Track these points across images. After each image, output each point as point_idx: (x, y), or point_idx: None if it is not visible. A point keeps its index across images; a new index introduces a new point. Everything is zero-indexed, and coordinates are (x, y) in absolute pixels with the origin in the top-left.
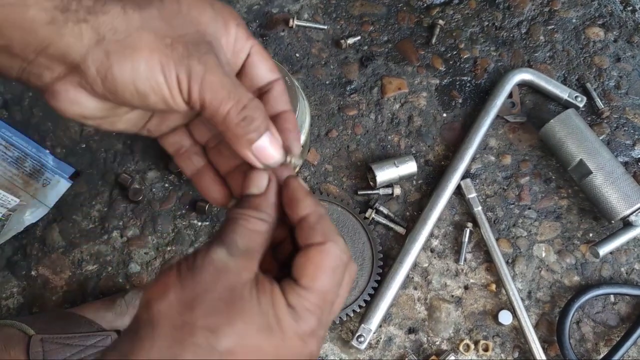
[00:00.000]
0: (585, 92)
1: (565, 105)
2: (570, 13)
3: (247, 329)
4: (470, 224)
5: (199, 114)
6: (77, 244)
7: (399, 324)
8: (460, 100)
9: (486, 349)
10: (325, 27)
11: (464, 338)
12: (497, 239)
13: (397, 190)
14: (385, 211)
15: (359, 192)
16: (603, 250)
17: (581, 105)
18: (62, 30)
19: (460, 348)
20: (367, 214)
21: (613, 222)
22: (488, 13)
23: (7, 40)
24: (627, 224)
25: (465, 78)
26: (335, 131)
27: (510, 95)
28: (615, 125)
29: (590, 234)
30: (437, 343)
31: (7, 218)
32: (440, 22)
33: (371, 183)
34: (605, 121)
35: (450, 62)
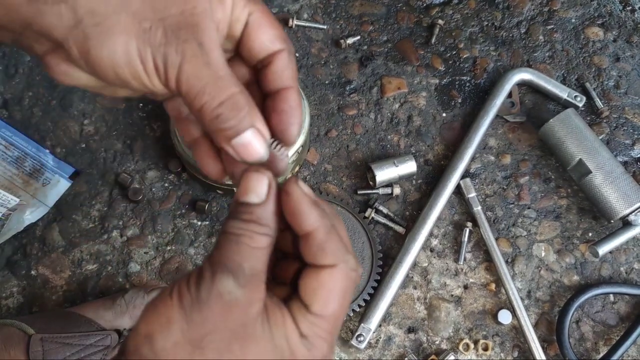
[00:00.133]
0: (585, 91)
1: (565, 104)
2: (570, 13)
3: None
4: (469, 224)
5: None
6: (77, 243)
7: (399, 323)
8: (459, 100)
9: (486, 349)
10: (325, 27)
11: (463, 337)
12: (496, 239)
13: (397, 190)
14: (385, 211)
15: (359, 192)
16: (602, 249)
17: (580, 104)
18: (42, 8)
19: (460, 347)
20: (366, 214)
21: (612, 221)
22: (487, 13)
23: None
24: (626, 224)
25: (464, 78)
26: (334, 131)
27: (510, 95)
28: (614, 124)
29: (590, 234)
30: (437, 342)
31: (7, 218)
32: (440, 21)
33: (371, 183)
34: (605, 121)
35: (450, 62)
